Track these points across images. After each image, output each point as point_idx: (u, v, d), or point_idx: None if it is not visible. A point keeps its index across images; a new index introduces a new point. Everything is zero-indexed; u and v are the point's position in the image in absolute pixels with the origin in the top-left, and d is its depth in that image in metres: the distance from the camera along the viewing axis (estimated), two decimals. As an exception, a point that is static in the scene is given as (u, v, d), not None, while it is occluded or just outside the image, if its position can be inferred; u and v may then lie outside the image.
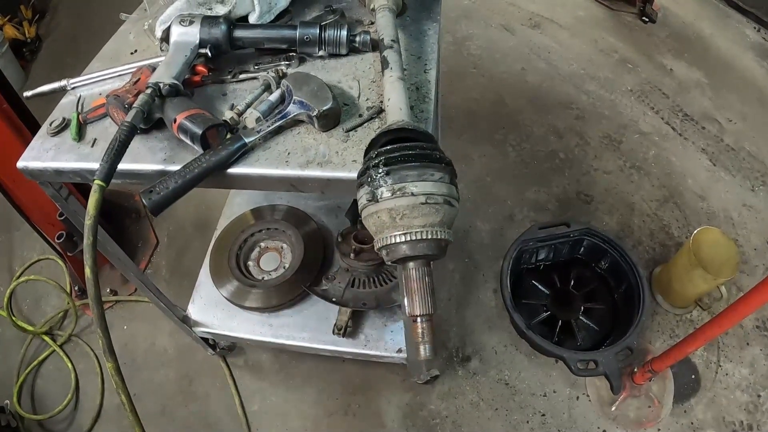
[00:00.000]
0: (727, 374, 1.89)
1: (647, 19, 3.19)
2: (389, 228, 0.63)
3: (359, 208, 0.67)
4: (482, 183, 2.46)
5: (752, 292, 1.23)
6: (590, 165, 2.51)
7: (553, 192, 2.42)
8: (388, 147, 0.66)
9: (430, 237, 0.62)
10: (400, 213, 0.62)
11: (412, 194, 0.61)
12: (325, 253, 1.80)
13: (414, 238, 0.61)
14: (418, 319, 0.64)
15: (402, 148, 0.65)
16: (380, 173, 0.63)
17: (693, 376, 1.88)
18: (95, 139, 1.04)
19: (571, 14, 3.30)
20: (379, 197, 0.62)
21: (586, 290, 1.96)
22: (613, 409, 1.80)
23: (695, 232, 1.87)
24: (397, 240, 0.62)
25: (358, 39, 1.08)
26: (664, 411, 1.79)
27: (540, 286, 2.00)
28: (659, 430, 1.79)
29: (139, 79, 1.04)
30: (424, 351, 0.63)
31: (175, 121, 0.92)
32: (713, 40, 3.10)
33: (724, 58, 2.99)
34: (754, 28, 3.17)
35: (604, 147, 2.58)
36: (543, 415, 1.84)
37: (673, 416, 1.80)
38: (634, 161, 2.51)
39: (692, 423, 1.79)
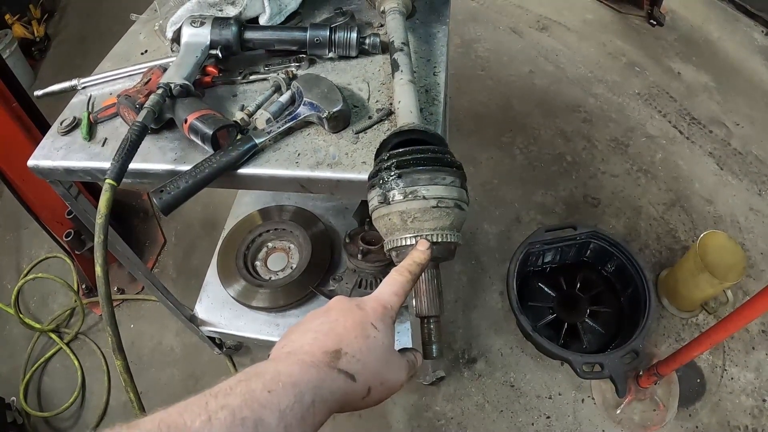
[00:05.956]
0: (732, 378, 1.88)
1: (655, 23, 3.19)
2: (400, 230, 0.63)
3: (370, 209, 0.67)
4: (489, 186, 2.47)
5: (758, 296, 1.23)
6: (597, 168, 2.50)
7: (560, 195, 2.42)
8: (400, 150, 0.66)
9: (440, 240, 0.62)
10: (411, 216, 0.62)
11: (424, 198, 0.62)
12: (333, 253, 1.80)
13: (424, 241, 0.62)
14: (427, 320, 0.64)
15: (414, 152, 0.65)
16: (392, 176, 0.63)
17: (698, 380, 1.88)
18: (106, 139, 1.05)
19: (579, 17, 3.30)
20: (390, 200, 0.63)
21: (592, 293, 1.96)
22: (618, 412, 1.80)
23: (702, 236, 1.87)
24: (408, 242, 0.62)
25: (367, 41, 1.08)
26: (669, 414, 1.79)
27: (546, 289, 1.99)
28: (664, 434, 1.79)
29: (150, 79, 1.05)
30: (431, 352, 0.63)
31: (185, 121, 0.93)
32: (721, 43, 3.10)
33: (731, 62, 2.99)
34: (762, 31, 3.16)
35: (611, 150, 2.58)
36: (548, 417, 1.84)
37: (677, 420, 1.80)
38: (641, 165, 2.51)
39: (697, 427, 1.79)
